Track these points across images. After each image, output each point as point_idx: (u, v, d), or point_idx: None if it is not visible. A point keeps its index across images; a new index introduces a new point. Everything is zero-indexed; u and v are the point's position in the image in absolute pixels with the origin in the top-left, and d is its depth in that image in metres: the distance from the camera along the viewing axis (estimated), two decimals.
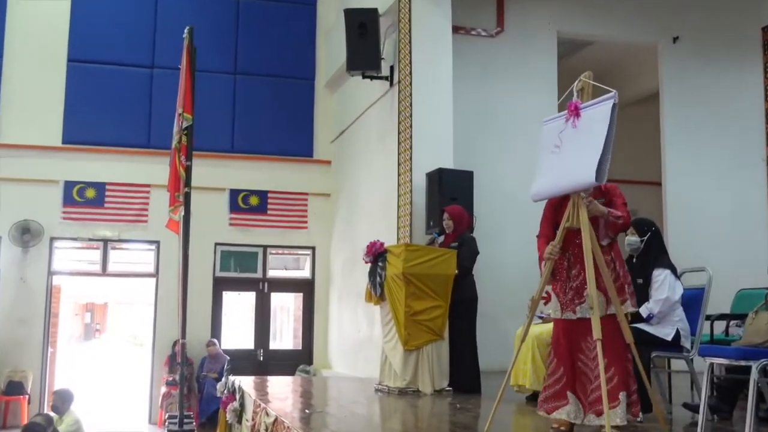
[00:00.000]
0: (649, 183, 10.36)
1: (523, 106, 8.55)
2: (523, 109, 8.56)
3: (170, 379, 10.22)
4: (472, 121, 8.43)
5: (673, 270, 4.80)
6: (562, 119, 4.04)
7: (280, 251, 11.44)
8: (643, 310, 4.70)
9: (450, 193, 7.23)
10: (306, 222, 11.17)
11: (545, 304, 7.46)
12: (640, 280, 4.68)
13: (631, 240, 4.93)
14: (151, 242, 10.66)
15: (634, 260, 4.83)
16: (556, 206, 4.07)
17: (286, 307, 12.91)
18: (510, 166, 8.38)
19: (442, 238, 6.47)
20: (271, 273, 11.30)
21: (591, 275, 3.73)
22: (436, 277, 5.96)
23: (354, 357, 9.59)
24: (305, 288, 11.39)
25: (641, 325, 4.66)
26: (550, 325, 5.66)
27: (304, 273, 11.48)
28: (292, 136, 11.24)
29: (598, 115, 3.85)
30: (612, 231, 3.91)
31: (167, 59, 10.26)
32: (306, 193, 11.20)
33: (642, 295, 4.64)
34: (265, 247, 11.15)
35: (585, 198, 3.88)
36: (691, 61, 9.25)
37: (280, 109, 11.20)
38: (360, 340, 9.33)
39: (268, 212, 11.01)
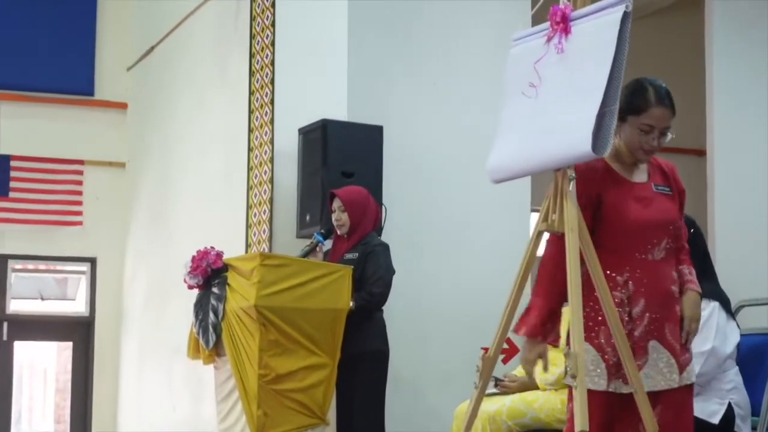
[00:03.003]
0: (685, 151, 10.66)
1: (472, 15, 8.63)
2: (474, 22, 8.65)
3: None
4: (380, 42, 8.45)
5: (724, 302, 4.92)
6: (541, 39, 4.11)
7: (30, 266, 11.25)
8: None
9: (342, 164, 7.26)
10: (80, 214, 11.02)
11: (505, 361, 7.59)
12: None
13: None
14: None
15: None
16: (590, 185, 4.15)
17: (41, 366, 12.66)
18: (448, 119, 8.45)
19: (329, 244, 6.53)
20: (16, 306, 11.10)
21: (577, 317, 3.81)
22: (316, 315, 6.05)
23: None
24: (77, 333, 11.26)
25: None
26: (517, 399, 5.75)
27: (76, 306, 11.34)
28: (55, 59, 11.10)
29: (599, 31, 3.93)
30: None
31: None
32: (81, 161, 11.06)
33: None
34: (3, 259, 10.93)
35: (572, 177, 3.97)
36: None
37: (32, 9, 11.01)
38: (177, 424, 9.24)
39: (11, 195, 10.79)
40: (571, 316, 3.79)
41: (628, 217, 4.15)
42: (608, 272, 4.08)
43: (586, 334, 3.94)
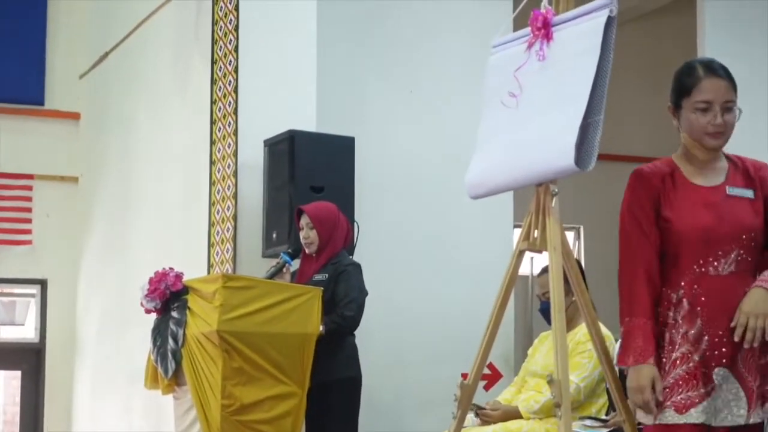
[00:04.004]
0: None
1: (450, 19, 8.67)
2: (451, 26, 8.68)
3: None
4: (352, 48, 8.48)
5: None
6: (522, 45, 4.14)
7: None
8: None
9: (311, 178, 7.27)
10: (29, 232, 11.00)
11: (486, 387, 7.64)
12: None
13: None
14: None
15: None
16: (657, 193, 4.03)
17: None
18: (424, 130, 8.48)
19: (296, 264, 6.53)
20: None
21: (561, 341, 3.85)
22: (284, 340, 6.04)
23: None
24: (27, 362, 11.23)
25: None
26: (500, 429, 5.78)
27: (25, 332, 11.32)
28: (3, 66, 11.06)
29: (582, 37, 3.99)
30: None
31: None
32: (30, 175, 11.04)
33: None
34: None
35: (555, 193, 3.99)
36: None
37: None
38: None
39: None
40: (554, 341, 3.82)
41: (685, 225, 3.95)
42: (663, 289, 3.95)
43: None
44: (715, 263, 3.93)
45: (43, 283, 11.14)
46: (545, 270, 5.72)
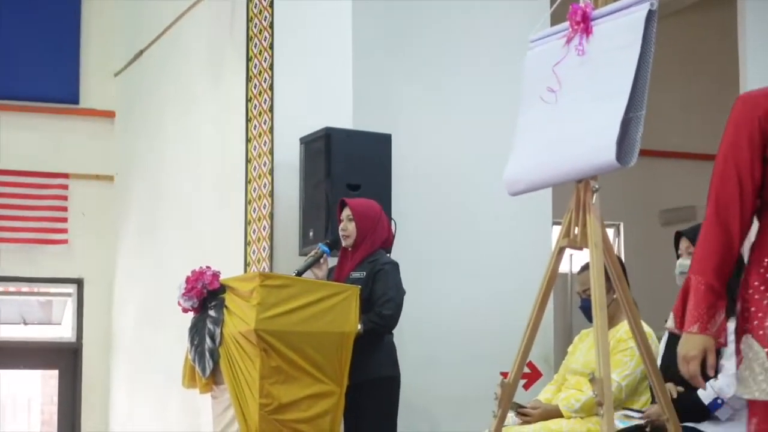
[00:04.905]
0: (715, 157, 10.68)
1: (486, 15, 8.65)
2: (488, 22, 8.67)
3: None
4: (388, 44, 8.47)
5: None
6: (561, 40, 4.13)
7: (12, 288, 11.35)
8: (706, 393, 4.87)
9: (347, 175, 7.28)
10: (65, 231, 11.06)
11: (526, 387, 7.60)
12: None
13: (684, 264, 5.04)
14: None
15: None
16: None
17: (23, 397, 12.68)
18: (459, 125, 8.47)
19: (334, 261, 6.55)
20: None
21: (603, 338, 3.79)
22: (321, 339, 6.04)
23: None
24: (64, 361, 11.27)
25: (704, 426, 4.83)
26: (540, 428, 5.76)
27: (62, 331, 11.38)
28: (36, 64, 11.14)
29: (623, 31, 3.97)
30: None
31: None
32: (65, 174, 11.10)
33: None
34: None
35: (596, 189, 3.96)
36: None
37: (12, 12, 11.07)
38: None
39: None
40: (596, 338, 3.80)
41: None
42: (756, 252, 3.47)
43: (749, 324, 3.42)
44: None
45: (79, 282, 11.18)
46: (586, 267, 5.69)
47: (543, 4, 7.93)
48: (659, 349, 5.48)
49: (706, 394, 4.84)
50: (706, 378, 3.59)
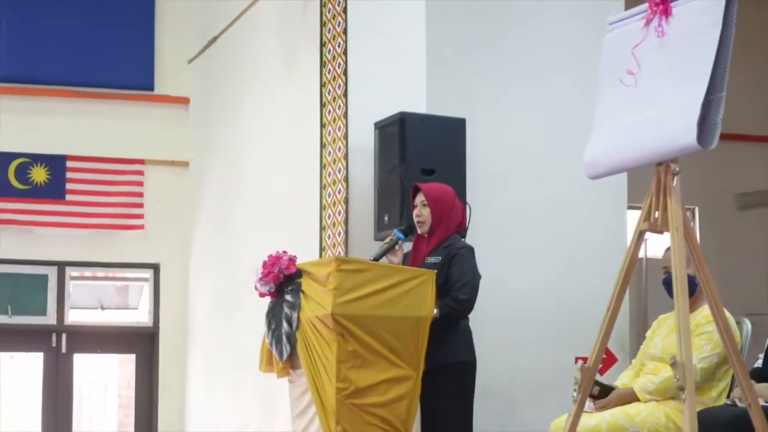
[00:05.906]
0: (755, 138, 10.66)
1: (561, 2, 8.60)
2: (560, 5, 8.61)
3: None
4: (463, 27, 8.45)
5: None
6: (640, 22, 4.11)
7: (89, 274, 11.45)
8: None
9: (422, 160, 7.28)
10: (141, 217, 11.19)
11: (602, 371, 7.60)
12: None
13: None
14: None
15: None
16: None
17: (102, 381, 12.82)
18: (534, 109, 8.43)
19: (409, 246, 6.53)
20: (75, 316, 11.30)
21: (684, 322, 3.77)
22: (398, 324, 6.04)
23: None
24: (141, 345, 11.42)
25: None
26: (618, 413, 5.74)
27: (139, 316, 11.50)
28: (111, 52, 11.31)
29: (703, 12, 3.95)
30: None
31: None
32: (141, 160, 11.25)
33: None
34: (60, 266, 11.12)
35: (676, 172, 3.95)
36: None
37: (88, 5, 11.22)
38: None
39: (67, 198, 10.98)
40: (677, 322, 3.79)
41: None
42: None
43: None
44: None
45: (156, 268, 11.35)
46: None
47: None
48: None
49: None
50: None
